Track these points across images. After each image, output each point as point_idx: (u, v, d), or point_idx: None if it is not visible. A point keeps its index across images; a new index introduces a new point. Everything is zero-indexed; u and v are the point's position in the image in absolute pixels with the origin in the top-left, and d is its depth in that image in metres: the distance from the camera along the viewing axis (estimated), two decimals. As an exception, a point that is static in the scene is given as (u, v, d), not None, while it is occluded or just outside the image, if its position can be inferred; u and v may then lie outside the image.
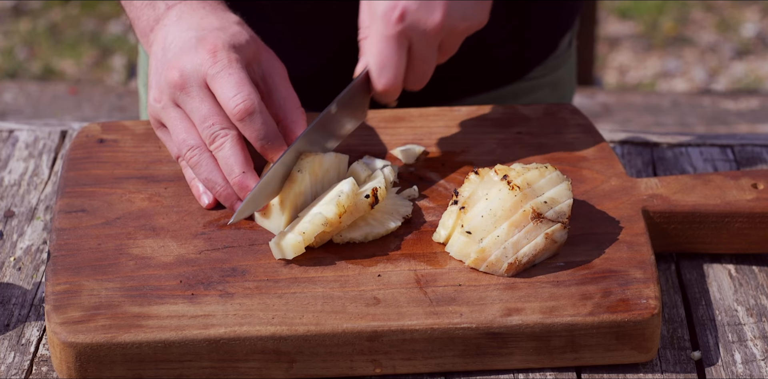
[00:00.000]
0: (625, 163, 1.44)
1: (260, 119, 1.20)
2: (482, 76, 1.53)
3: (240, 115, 1.20)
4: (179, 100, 1.23)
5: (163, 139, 1.28)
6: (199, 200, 1.24)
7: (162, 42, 1.26)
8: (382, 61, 1.24)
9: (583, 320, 1.12)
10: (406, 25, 1.23)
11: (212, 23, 1.26)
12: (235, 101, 1.20)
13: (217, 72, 1.21)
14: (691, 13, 4.02)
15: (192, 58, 1.22)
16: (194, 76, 1.22)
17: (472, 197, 1.19)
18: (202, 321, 1.10)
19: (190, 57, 1.22)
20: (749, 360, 1.16)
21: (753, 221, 1.25)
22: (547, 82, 1.61)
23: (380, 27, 1.24)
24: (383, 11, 1.23)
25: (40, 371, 1.14)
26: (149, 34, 1.29)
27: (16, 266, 1.26)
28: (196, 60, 1.22)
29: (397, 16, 1.23)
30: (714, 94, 3.60)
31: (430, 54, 1.27)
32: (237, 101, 1.20)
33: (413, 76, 1.28)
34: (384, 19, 1.23)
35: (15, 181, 1.39)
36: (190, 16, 1.27)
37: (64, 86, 3.54)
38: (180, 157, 1.25)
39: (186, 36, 1.24)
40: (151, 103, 1.26)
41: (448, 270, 1.17)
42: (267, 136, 1.21)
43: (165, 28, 1.27)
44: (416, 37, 1.24)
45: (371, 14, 1.25)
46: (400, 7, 1.23)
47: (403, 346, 1.11)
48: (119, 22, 3.96)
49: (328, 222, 1.17)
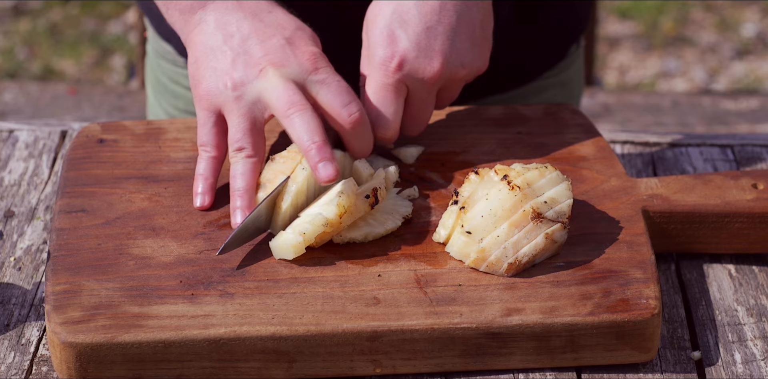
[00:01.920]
0: (625, 163, 1.44)
1: (368, 130, 1.23)
2: (490, 82, 1.54)
3: (354, 124, 1.22)
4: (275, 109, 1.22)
5: (203, 123, 1.25)
6: (194, 198, 1.24)
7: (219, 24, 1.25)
8: (379, 110, 1.26)
9: (583, 320, 1.12)
10: (404, 74, 1.25)
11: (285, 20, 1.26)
12: (349, 110, 1.21)
13: (322, 79, 1.22)
14: (691, 13, 4.02)
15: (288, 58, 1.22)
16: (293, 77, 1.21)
17: (472, 197, 1.19)
18: (202, 321, 1.10)
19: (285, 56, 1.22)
20: (749, 360, 1.16)
21: (753, 221, 1.25)
22: (557, 82, 1.61)
23: (378, 75, 1.25)
24: (381, 60, 1.24)
25: (40, 371, 1.14)
26: (197, 11, 1.27)
27: (16, 266, 1.26)
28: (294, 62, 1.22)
29: (395, 65, 1.24)
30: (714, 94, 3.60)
31: (428, 101, 1.28)
32: (352, 110, 1.21)
33: (411, 122, 1.29)
34: (382, 67, 1.24)
35: (15, 181, 1.39)
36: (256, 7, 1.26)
37: (64, 86, 3.54)
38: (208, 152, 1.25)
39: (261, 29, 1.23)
40: (221, 89, 1.23)
41: (448, 270, 1.17)
42: (370, 147, 1.25)
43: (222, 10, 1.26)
44: (414, 86, 1.26)
45: (370, 61, 1.26)
46: (398, 56, 1.24)
47: (403, 346, 1.11)
48: (119, 22, 3.96)
49: (328, 223, 1.17)
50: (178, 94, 1.61)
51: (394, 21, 1.25)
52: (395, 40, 1.24)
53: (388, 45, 1.24)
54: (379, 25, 1.25)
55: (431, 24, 1.25)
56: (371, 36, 1.26)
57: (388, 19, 1.25)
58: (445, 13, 1.26)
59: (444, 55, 1.25)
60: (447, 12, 1.26)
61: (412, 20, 1.25)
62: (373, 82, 1.26)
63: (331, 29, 1.42)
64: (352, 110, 1.21)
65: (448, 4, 1.26)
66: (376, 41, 1.25)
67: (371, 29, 1.26)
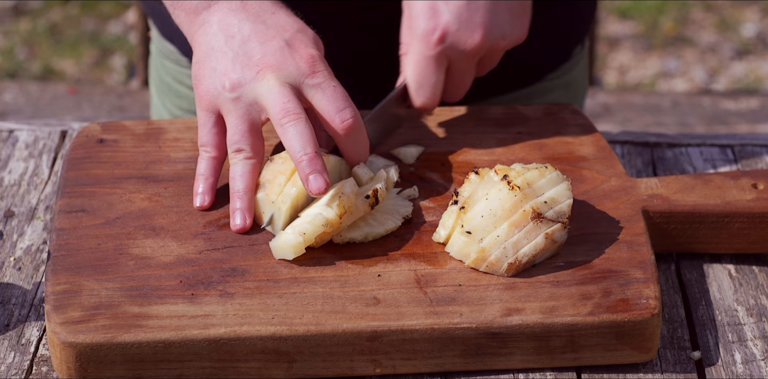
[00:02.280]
0: (625, 163, 1.44)
1: (362, 135, 1.23)
2: (495, 83, 1.54)
3: (347, 131, 1.21)
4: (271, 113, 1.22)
5: (204, 123, 1.25)
6: (194, 198, 1.24)
7: (222, 25, 1.25)
8: (420, 81, 1.29)
9: (583, 320, 1.12)
10: (446, 46, 1.27)
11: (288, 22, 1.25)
12: (343, 116, 1.21)
13: (318, 83, 1.21)
14: (691, 13, 4.02)
15: (287, 61, 1.21)
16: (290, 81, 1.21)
17: (472, 197, 1.19)
18: (202, 321, 1.10)
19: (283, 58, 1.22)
20: (749, 360, 1.16)
21: (753, 221, 1.25)
22: (561, 84, 1.62)
23: (420, 46, 1.27)
24: (423, 31, 1.27)
25: (40, 371, 1.14)
26: (201, 12, 1.27)
27: (16, 266, 1.26)
28: (291, 65, 1.21)
29: (437, 37, 1.26)
30: (714, 94, 3.60)
31: (468, 71, 1.31)
32: (346, 116, 1.21)
33: (451, 90, 1.32)
34: (424, 39, 1.27)
35: (15, 181, 1.39)
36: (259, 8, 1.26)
37: (64, 86, 3.54)
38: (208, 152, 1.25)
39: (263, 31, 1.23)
40: (219, 90, 1.23)
41: (448, 270, 1.17)
42: (366, 153, 1.24)
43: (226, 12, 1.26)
44: (455, 57, 1.28)
45: (412, 32, 1.28)
46: (440, 29, 1.26)
47: (403, 346, 1.11)
48: (119, 22, 3.96)
49: (328, 223, 1.17)
50: (182, 94, 1.61)
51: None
52: (437, 12, 1.26)
53: (430, 17, 1.26)
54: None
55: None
56: (413, 7, 1.28)
57: None
58: None
59: (485, 28, 1.27)
60: None
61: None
62: (414, 54, 1.28)
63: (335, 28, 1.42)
64: (346, 116, 1.21)
65: None
66: (418, 13, 1.27)
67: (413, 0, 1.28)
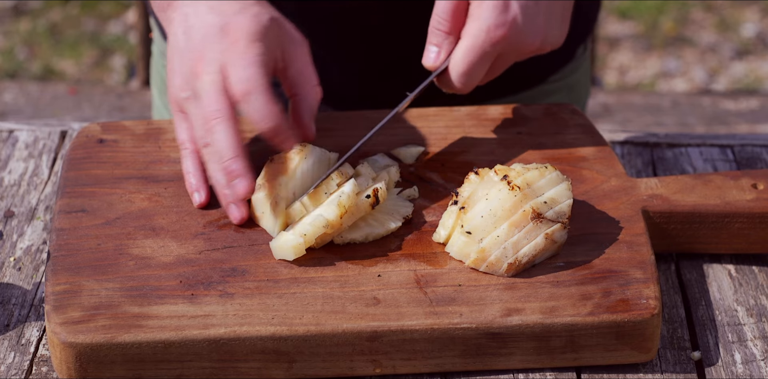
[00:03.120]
0: (625, 163, 1.44)
1: (261, 99, 1.19)
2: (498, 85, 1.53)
3: (240, 95, 1.19)
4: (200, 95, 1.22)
5: (177, 124, 1.27)
6: (191, 197, 1.24)
7: (183, 24, 1.25)
8: (469, 70, 1.26)
9: (583, 320, 1.12)
10: (506, 44, 1.25)
11: (232, 6, 1.25)
12: (238, 83, 1.19)
13: (232, 60, 1.20)
14: (691, 13, 4.02)
15: (213, 47, 1.22)
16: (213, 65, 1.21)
17: (472, 197, 1.19)
18: (202, 321, 1.10)
19: (212, 46, 1.22)
20: (749, 360, 1.16)
21: (753, 221, 1.25)
22: (563, 86, 1.61)
23: (480, 38, 1.25)
24: (491, 24, 1.24)
25: (40, 371, 1.14)
26: (167, 9, 1.28)
27: (16, 266, 1.26)
28: (216, 48, 1.21)
29: (502, 34, 1.24)
30: (714, 94, 3.60)
31: (508, 65, 1.30)
32: (240, 81, 1.19)
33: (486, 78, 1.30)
34: (488, 32, 1.24)
35: (15, 181, 1.39)
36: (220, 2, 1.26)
37: (64, 86, 3.54)
38: (187, 150, 1.26)
39: (208, 21, 1.24)
40: (175, 90, 1.25)
41: (448, 270, 1.17)
42: (268, 117, 1.20)
43: (184, 7, 1.26)
44: (507, 53, 1.27)
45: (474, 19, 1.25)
46: (507, 26, 1.24)
47: (403, 346, 1.11)
48: (119, 22, 3.96)
49: (329, 224, 1.17)
50: None
51: None
52: (508, 9, 1.24)
53: (501, 12, 1.24)
54: None
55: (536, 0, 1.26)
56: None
57: None
58: None
59: (544, 33, 1.26)
60: None
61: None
62: (471, 42, 1.25)
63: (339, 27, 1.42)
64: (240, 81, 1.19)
65: None
66: (490, 4, 1.24)
67: None
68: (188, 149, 1.26)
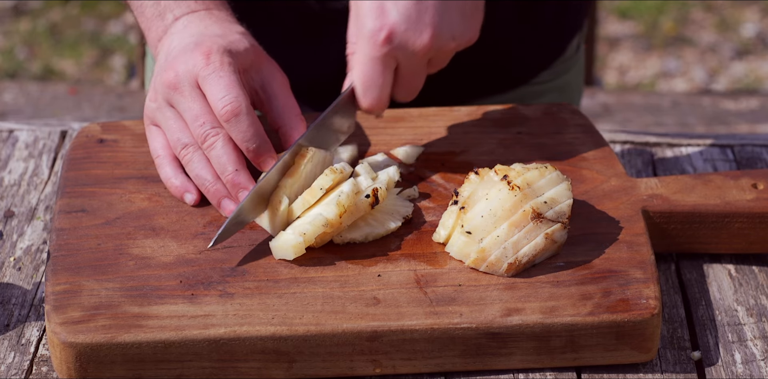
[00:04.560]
0: (625, 163, 1.44)
1: (246, 121, 1.21)
2: (489, 80, 1.53)
3: (227, 116, 1.21)
4: (173, 100, 1.25)
5: (149, 137, 1.29)
6: (183, 199, 1.25)
7: (167, 48, 1.28)
8: (366, 82, 1.25)
9: (583, 320, 1.12)
10: (394, 47, 1.23)
11: (214, 31, 1.27)
12: (222, 102, 1.21)
13: (208, 74, 1.22)
14: (691, 13, 4.02)
15: (186, 60, 1.23)
16: (187, 76, 1.23)
17: (472, 197, 1.19)
18: (202, 321, 1.10)
19: (185, 58, 1.24)
20: (749, 360, 1.16)
21: (753, 221, 1.25)
22: (555, 86, 1.61)
23: (367, 47, 1.23)
24: (370, 31, 1.23)
25: (40, 371, 1.14)
26: (158, 44, 1.31)
27: (16, 266, 1.26)
28: (190, 62, 1.23)
29: (383, 37, 1.22)
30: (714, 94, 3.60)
31: (418, 71, 1.27)
32: (224, 102, 1.21)
33: (402, 90, 1.28)
34: (371, 39, 1.23)
35: (15, 181, 1.39)
36: (195, 26, 1.28)
37: (64, 86, 3.54)
38: (160, 157, 1.27)
39: (186, 41, 1.26)
40: (147, 104, 1.28)
41: (448, 270, 1.17)
42: (253, 138, 1.21)
43: (171, 36, 1.29)
44: (404, 57, 1.24)
45: (358, 31, 1.24)
46: (387, 28, 1.22)
47: (403, 346, 1.11)
48: (119, 22, 3.96)
49: (328, 223, 1.17)
50: None
51: None
52: (385, 12, 1.22)
53: (377, 17, 1.22)
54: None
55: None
56: (360, 7, 1.24)
57: None
58: None
59: (434, 28, 1.23)
60: None
61: None
62: (361, 54, 1.24)
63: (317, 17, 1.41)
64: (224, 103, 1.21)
65: None
66: (365, 12, 1.23)
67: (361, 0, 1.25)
68: (161, 156, 1.27)
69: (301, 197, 1.20)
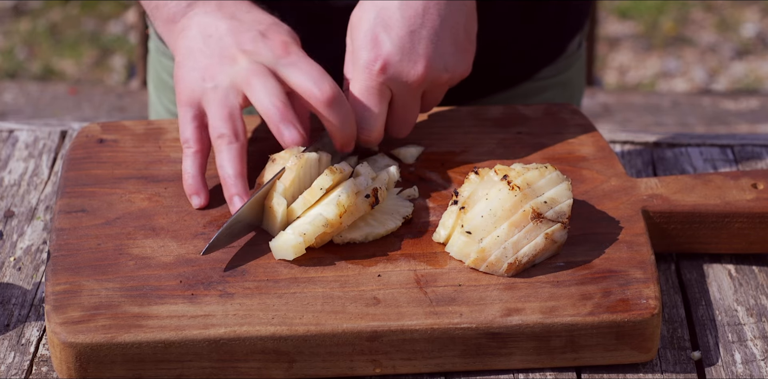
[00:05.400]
0: (625, 163, 1.44)
1: (347, 107, 1.23)
2: (491, 78, 1.54)
3: (329, 102, 1.21)
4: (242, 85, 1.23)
5: (184, 118, 1.26)
6: (190, 199, 1.24)
7: (200, 28, 1.27)
8: (362, 113, 1.26)
9: (583, 320, 1.12)
10: (388, 77, 1.25)
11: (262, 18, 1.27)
12: (321, 87, 1.21)
13: (293, 62, 1.22)
14: (691, 13, 4.02)
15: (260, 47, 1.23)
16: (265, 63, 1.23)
17: (472, 197, 1.19)
18: (202, 321, 1.10)
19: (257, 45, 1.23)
20: (749, 360, 1.16)
21: (753, 221, 1.25)
22: (557, 83, 1.62)
23: (362, 78, 1.25)
24: (365, 63, 1.25)
25: (40, 371, 1.14)
26: (180, 19, 1.29)
27: (16, 266, 1.26)
28: (265, 50, 1.23)
29: (378, 68, 1.25)
30: (714, 94, 3.60)
31: (412, 104, 1.29)
32: (323, 87, 1.21)
33: (396, 124, 1.30)
34: (366, 70, 1.25)
35: (15, 181, 1.39)
36: (235, 9, 1.28)
37: (64, 86, 3.54)
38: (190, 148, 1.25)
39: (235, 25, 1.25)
40: (196, 82, 1.25)
41: (448, 270, 1.17)
42: (350, 122, 1.23)
43: (202, 15, 1.27)
44: (398, 89, 1.26)
45: (354, 64, 1.26)
46: (381, 59, 1.24)
47: (403, 346, 1.11)
48: (119, 22, 3.96)
49: (328, 223, 1.17)
50: None
51: (377, 25, 1.26)
52: (379, 43, 1.25)
53: (371, 48, 1.25)
54: (363, 29, 1.26)
55: (415, 28, 1.25)
56: (355, 39, 1.27)
57: (372, 22, 1.26)
58: (428, 17, 1.26)
59: (428, 59, 1.25)
60: (430, 15, 1.26)
61: (395, 24, 1.25)
62: (357, 85, 1.26)
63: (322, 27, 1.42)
64: (324, 87, 1.21)
65: (431, 7, 1.26)
66: (360, 45, 1.26)
67: (355, 33, 1.27)
68: (192, 149, 1.26)
69: (302, 196, 1.20)
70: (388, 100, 1.27)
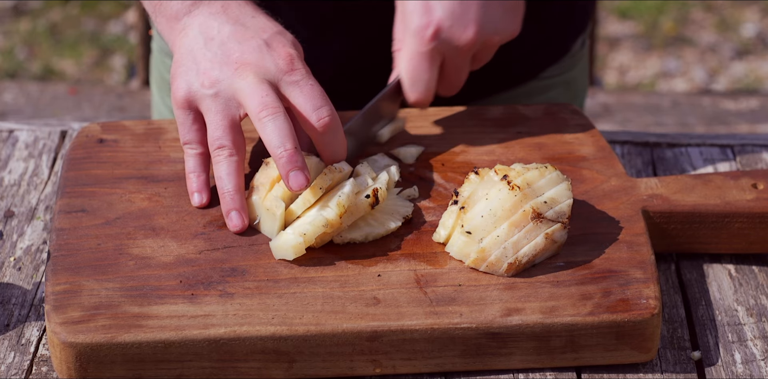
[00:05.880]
0: (625, 163, 1.44)
1: (340, 134, 1.23)
2: (495, 78, 1.54)
3: (324, 128, 1.21)
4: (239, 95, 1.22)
5: (183, 121, 1.26)
6: (191, 196, 1.24)
7: (203, 28, 1.26)
8: (414, 77, 1.29)
9: (583, 320, 1.12)
10: (440, 42, 1.27)
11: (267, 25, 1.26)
12: (320, 114, 1.21)
13: (296, 80, 1.22)
14: (691, 13, 4.02)
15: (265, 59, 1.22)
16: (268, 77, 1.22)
17: (472, 197, 1.19)
18: (202, 321, 1.10)
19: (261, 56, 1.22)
20: (749, 360, 1.16)
21: (753, 221, 1.25)
22: (562, 81, 1.62)
23: (414, 43, 1.28)
24: (417, 27, 1.27)
25: (40, 371, 1.14)
26: (182, 18, 1.29)
27: (16, 266, 1.26)
28: (269, 62, 1.22)
29: (431, 33, 1.27)
30: (714, 94, 3.60)
31: (462, 66, 1.31)
32: (322, 114, 1.21)
33: (446, 85, 1.33)
34: (418, 35, 1.27)
35: (15, 181, 1.39)
36: (239, 12, 1.27)
37: (64, 86, 3.54)
38: (192, 149, 1.25)
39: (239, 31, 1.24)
40: (195, 86, 1.24)
41: (448, 270, 1.17)
42: (343, 152, 1.24)
43: (206, 16, 1.27)
44: (449, 53, 1.29)
45: (405, 28, 1.29)
46: (434, 25, 1.27)
47: (403, 346, 1.11)
48: (119, 22, 3.96)
49: (328, 223, 1.17)
50: None
51: None
52: (430, 9, 1.27)
53: (423, 14, 1.27)
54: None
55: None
56: (407, 5, 1.28)
57: None
58: None
59: (478, 23, 1.27)
60: None
61: None
62: (408, 50, 1.28)
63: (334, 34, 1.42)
64: (323, 114, 1.21)
65: None
66: (411, 10, 1.28)
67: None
68: (195, 150, 1.25)
69: (301, 196, 1.20)
70: (438, 65, 1.30)
